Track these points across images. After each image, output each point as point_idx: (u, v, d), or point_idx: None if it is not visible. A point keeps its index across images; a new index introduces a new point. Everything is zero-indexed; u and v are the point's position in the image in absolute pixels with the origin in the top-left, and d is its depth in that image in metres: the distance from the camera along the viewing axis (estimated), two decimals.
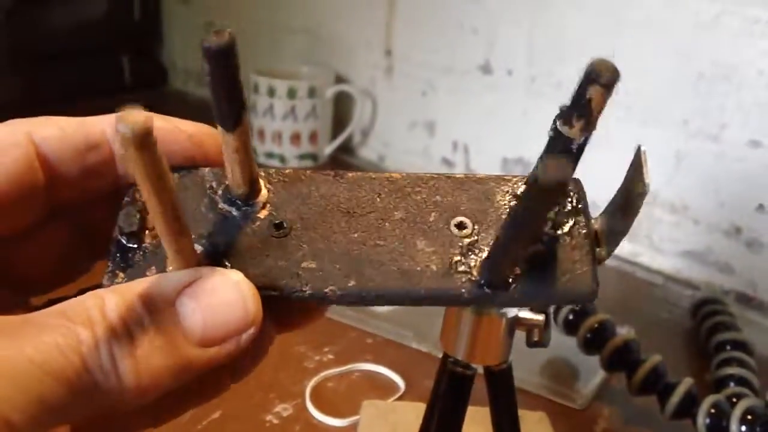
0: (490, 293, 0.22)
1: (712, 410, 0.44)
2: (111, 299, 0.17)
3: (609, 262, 0.72)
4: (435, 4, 0.81)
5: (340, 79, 0.90)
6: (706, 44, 0.62)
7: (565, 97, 0.73)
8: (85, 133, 0.23)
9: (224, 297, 0.18)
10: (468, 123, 0.82)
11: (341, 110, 0.91)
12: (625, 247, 0.72)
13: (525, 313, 0.28)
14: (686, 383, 0.46)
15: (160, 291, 0.18)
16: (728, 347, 0.53)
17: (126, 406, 0.17)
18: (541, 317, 0.28)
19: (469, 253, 0.23)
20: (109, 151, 0.22)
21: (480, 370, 0.29)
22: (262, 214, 0.23)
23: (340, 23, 0.92)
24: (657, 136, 0.67)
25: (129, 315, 0.17)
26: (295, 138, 0.86)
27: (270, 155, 0.87)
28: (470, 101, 0.81)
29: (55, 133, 0.22)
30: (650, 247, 0.70)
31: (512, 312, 0.28)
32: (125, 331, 0.16)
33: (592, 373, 0.52)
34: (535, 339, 0.29)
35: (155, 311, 0.17)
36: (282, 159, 0.87)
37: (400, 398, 0.48)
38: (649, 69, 0.66)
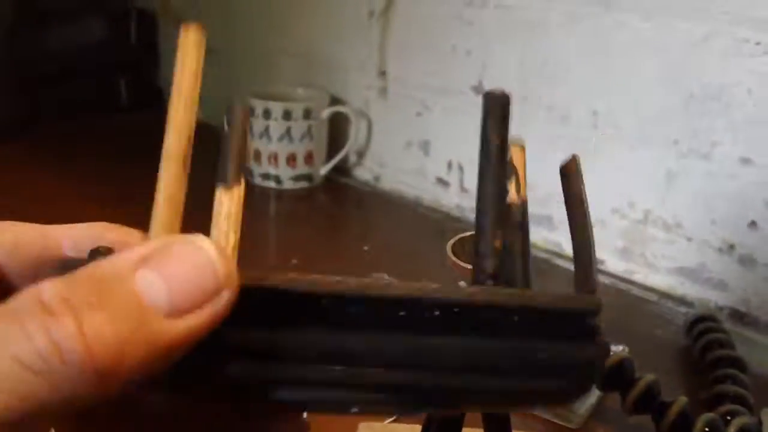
0: None
1: (707, 429, 0.44)
2: (48, 286, 0.16)
3: (603, 279, 0.72)
4: (428, 26, 0.82)
5: (335, 101, 0.91)
6: (696, 64, 0.63)
7: (557, 118, 0.74)
8: (42, 245, 0.22)
9: (189, 263, 0.17)
10: (462, 143, 0.82)
11: (336, 131, 0.92)
12: (619, 265, 0.72)
13: None
14: (680, 402, 0.46)
15: (112, 268, 0.17)
16: (722, 364, 0.53)
17: (98, 390, 0.16)
18: None
19: None
20: None
21: None
22: None
23: (335, 46, 0.93)
24: (648, 156, 0.68)
25: (72, 296, 0.16)
26: (291, 159, 0.87)
27: (266, 176, 0.88)
28: (464, 121, 0.81)
29: (9, 240, 0.21)
30: (644, 264, 0.71)
31: None
32: (69, 313, 0.15)
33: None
34: None
35: (106, 288, 0.16)
36: (278, 180, 0.88)
37: (395, 421, 0.48)
38: (640, 90, 0.67)
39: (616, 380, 0.48)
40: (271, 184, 0.88)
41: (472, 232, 0.28)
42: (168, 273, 0.17)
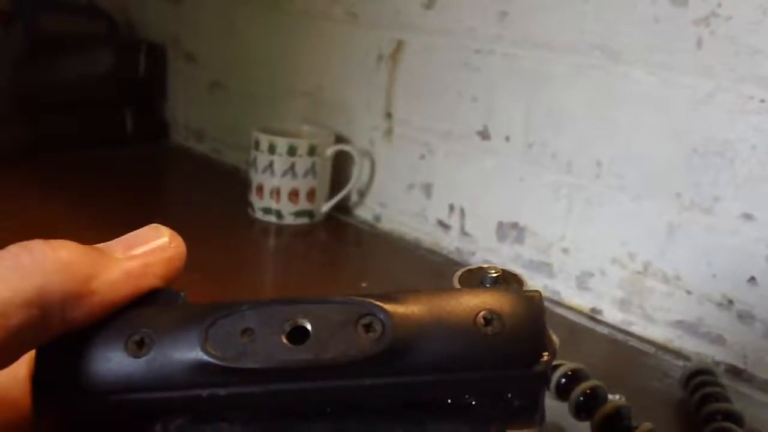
0: None
1: None
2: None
3: (600, 329, 0.72)
4: (436, 71, 0.84)
5: (340, 140, 0.92)
6: (700, 120, 0.64)
7: (560, 166, 0.75)
8: None
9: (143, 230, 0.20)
10: (465, 187, 0.83)
11: (340, 170, 0.93)
12: (617, 316, 0.72)
13: None
14: None
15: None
16: (719, 417, 0.53)
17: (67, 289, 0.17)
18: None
19: None
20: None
21: None
22: None
23: (342, 86, 0.94)
24: (650, 208, 0.68)
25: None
26: (294, 195, 0.87)
27: (267, 211, 0.88)
28: (468, 165, 0.82)
29: None
30: (642, 316, 0.71)
31: None
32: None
33: None
34: None
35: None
36: (279, 215, 0.88)
37: None
38: (643, 142, 0.68)
39: (612, 427, 0.48)
40: (272, 218, 0.88)
41: (480, 264, 0.28)
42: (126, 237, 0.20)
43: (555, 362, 0.53)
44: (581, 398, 0.49)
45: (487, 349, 0.16)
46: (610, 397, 0.50)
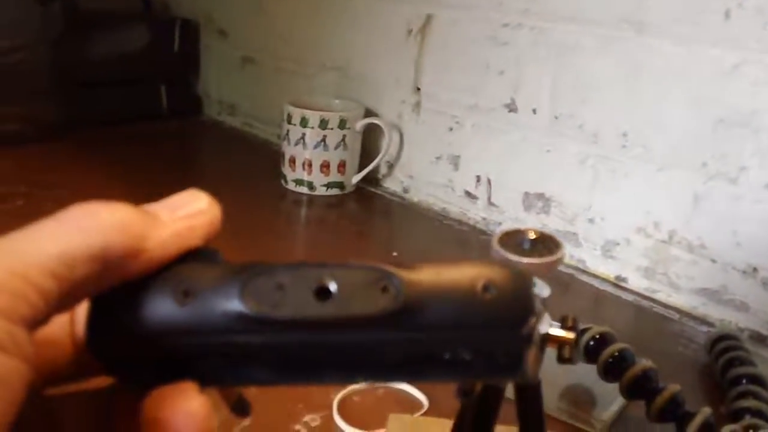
0: None
1: None
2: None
3: (626, 296, 0.74)
4: (464, 45, 0.85)
5: (369, 113, 0.94)
6: (726, 90, 0.65)
7: (587, 137, 0.76)
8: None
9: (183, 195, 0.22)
10: (492, 158, 0.85)
11: (369, 142, 0.95)
12: (642, 283, 0.74)
13: (556, 330, 0.30)
14: (704, 413, 0.47)
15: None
16: (744, 381, 0.54)
17: (127, 246, 0.19)
18: (572, 335, 0.30)
19: None
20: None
21: (509, 388, 0.31)
22: None
23: (371, 61, 0.96)
24: (676, 178, 0.69)
25: None
26: (325, 167, 0.89)
27: (299, 182, 0.91)
28: (495, 137, 0.83)
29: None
30: (667, 284, 0.72)
31: (544, 328, 0.30)
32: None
33: (611, 400, 0.53)
34: (566, 356, 0.31)
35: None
36: (311, 186, 0.90)
37: (423, 415, 0.50)
38: (669, 113, 0.69)
39: (640, 389, 0.50)
40: (304, 189, 0.91)
41: (517, 227, 0.30)
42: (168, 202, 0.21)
43: (583, 326, 0.55)
44: (609, 360, 0.51)
45: (483, 312, 0.19)
46: (637, 360, 0.51)
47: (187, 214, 0.21)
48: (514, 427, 0.32)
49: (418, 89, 0.90)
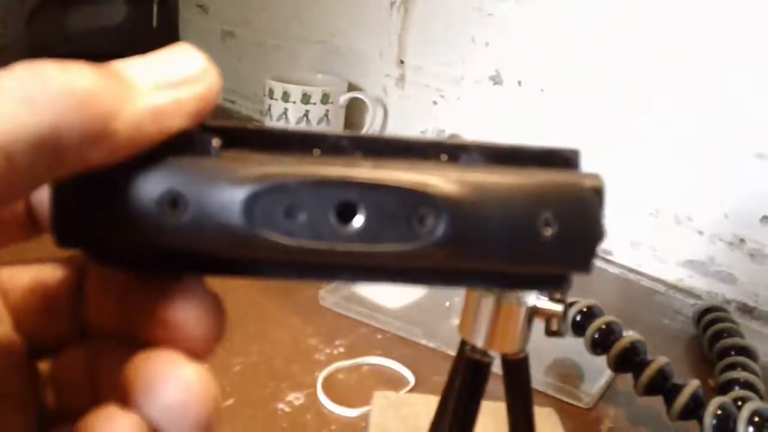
0: None
1: (719, 411, 0.44)
2: None
3: (612, 269, 0.73)
4: (448, 17, 0.83)
5: (353, 88, 0.92)
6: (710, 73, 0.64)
7: (572, 110, 0.75)
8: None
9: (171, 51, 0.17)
10: (477, 131, 0.83)
11: (353, 117, 0.93)
12: (628, 256, 0.73)
13: (543, 303, 0.29)
14: (693, 385, 0.47)
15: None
16: (732, 352, 0.54)
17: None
18: (559, 307, 0.29)
19: None
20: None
21: (497, 360, 0.30)
22: None
23: (355, 34, 0.94)
24: (663, 150, 0.69)
25: None
26: None
27: None
28: (480, 110, 0.82)
29: None
30: (653, 256, 0.72)
31: (531, 301, 0.29)
32: None
33: (598, 373, 0.53)
34: (554, 328, 0.30)
35: None
36: None
37: (409, 392, 0.49)
38: (656, 90, 0.68)
39: (628, 362, 0.49)
40: None
41: None
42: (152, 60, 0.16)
43: (570, 300, 0.54)
44: (597, 334, 0.51)
45: (543, 251, 0.16)
46: (624, 333, 0.51)
47: (172, 81, 0.15)
48: (501, 402, 0.31)
49: (402, 62, 0.89)
